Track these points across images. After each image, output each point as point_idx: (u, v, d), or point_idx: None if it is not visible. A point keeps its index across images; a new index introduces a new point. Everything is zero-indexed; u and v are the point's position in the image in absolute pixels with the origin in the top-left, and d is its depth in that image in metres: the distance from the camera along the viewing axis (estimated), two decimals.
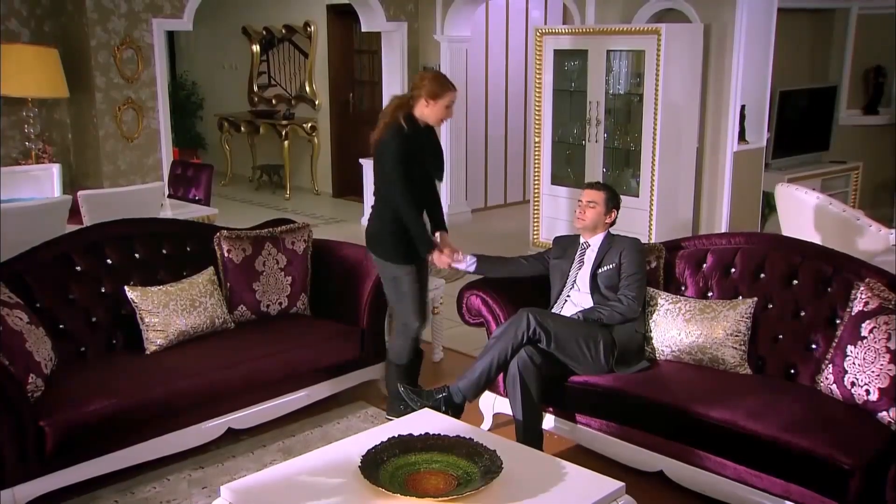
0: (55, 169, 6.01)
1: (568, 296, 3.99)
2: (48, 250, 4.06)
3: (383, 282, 4.20)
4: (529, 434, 3.66)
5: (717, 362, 3.76)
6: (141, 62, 6.98)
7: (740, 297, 3.90)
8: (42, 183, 5.89)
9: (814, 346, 3.68)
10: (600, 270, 3.93)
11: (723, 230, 6.40)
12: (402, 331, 4.21)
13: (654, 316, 3.92)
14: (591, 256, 3.99)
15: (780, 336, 3.78)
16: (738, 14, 6.23)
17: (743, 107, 6.46)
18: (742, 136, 6.54)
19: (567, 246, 4.10)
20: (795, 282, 3.83)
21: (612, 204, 4.02)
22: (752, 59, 6.36)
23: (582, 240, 4.04)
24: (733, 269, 4.01)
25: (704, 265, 4.09)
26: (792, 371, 3.72)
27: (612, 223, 4.04)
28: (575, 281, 4.00)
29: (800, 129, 7.77)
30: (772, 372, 3.76)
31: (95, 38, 6.74)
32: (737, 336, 3.74)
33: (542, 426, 3.77)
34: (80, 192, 5.17)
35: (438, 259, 4.05)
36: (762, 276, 3.92)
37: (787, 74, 7.58)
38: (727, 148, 6.44)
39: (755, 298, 3.82)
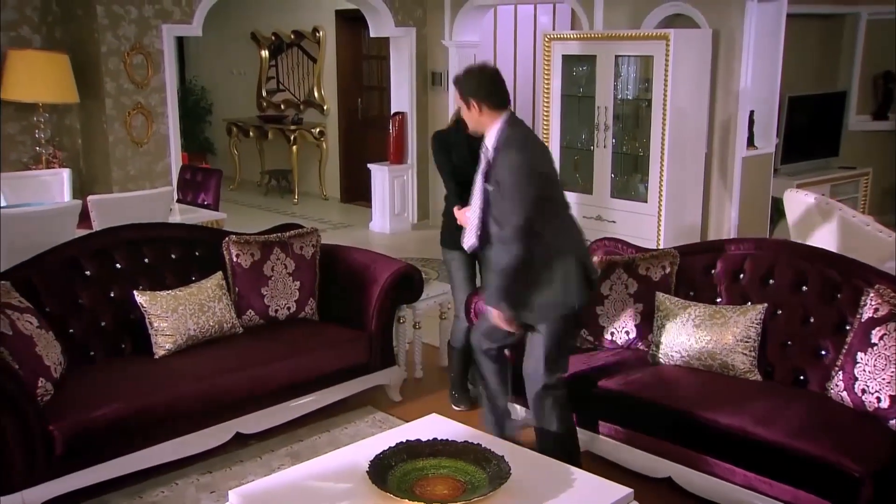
0: (65, 174, 6.04)
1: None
2: (57, 255, 4.07)
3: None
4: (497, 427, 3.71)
5: (726, 368, 3.75)
6: (150, 68, 7.01)
7: (750, 303, 3.88)
8: (52, 188, 5.91)
9: (823, 353, 3.66)
10: (488, 185, 3.27)
11: (731, 236, 6.37)
12: (459, 316, 4.42)
13: (664, 321, 3.91)
14: (483, 158, 3.39)
15: (790, 342, 3.77)
16: (746, 19, 6.21)
17: (752, 112, 6.44)
18: (751, 142, 6.52)
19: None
20: (805, 288, 3.81)
21: (467, 93, 3.24)
22: (760, 65, 6.34)
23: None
24: (742, 275, 3.99)
25: (713, 271, 4.07)
26: (801, 377, 3.70)
27: (486, 116, 3.32)
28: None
29: (809, 135, 7.74)
30: (781, 378, 3.74)
31: (106, 44, 6.77)
32: (746, 342, 3.73)
33: (509, 421, 3.80)
34: (89, 197, 5.19)
35: (459, 213, 4.04)
36: (771, 282, 3.91)
37: (796, 80, 7.55)
38: (736, 153, 6.42)
39: (765, 304, 3.81)
